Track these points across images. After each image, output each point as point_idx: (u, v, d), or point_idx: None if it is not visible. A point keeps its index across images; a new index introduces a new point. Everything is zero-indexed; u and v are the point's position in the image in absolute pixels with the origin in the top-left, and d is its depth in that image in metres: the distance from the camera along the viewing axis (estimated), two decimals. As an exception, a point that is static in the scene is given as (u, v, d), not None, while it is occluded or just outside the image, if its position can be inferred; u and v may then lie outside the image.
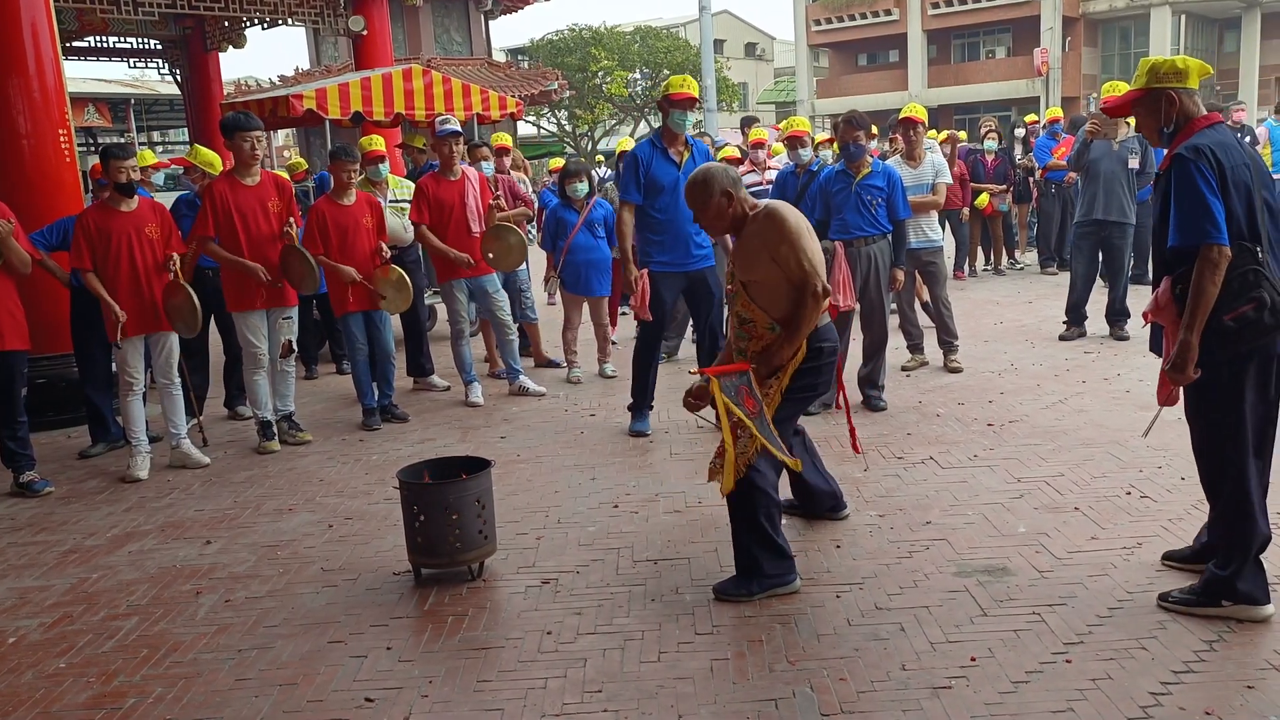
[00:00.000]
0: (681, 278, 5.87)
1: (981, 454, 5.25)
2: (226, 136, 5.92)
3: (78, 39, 13.00)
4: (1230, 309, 3.13)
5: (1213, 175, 3.14)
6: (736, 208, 3.84)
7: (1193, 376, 3.18)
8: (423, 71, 9.74)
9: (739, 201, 3.83)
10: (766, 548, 3.71)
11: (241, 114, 6.04)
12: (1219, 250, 3.11)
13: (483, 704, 3.12)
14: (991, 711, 2.91)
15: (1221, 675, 3.02)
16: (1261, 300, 3.12)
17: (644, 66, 38.12)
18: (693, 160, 5.77)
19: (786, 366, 3.74)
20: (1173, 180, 3.20)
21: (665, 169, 5.78)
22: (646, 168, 5.78)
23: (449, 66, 19.50)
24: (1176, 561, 3.75)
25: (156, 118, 28.66)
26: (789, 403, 3.79)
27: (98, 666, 3.51)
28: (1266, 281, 3.15)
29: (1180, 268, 3.24)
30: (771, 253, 3.70)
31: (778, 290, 3.73)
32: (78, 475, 5.92)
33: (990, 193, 11.20)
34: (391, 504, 4.84)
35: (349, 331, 6.57)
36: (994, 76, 38.73)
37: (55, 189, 7.00)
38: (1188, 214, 3.15)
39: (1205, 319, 3.13)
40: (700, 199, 3.87)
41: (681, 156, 5.81)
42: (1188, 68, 3.31)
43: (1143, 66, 3.42)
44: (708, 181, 3.84)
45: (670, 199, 5.68)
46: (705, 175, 3.86)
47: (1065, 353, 7.50)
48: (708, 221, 3.94)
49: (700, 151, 5.94)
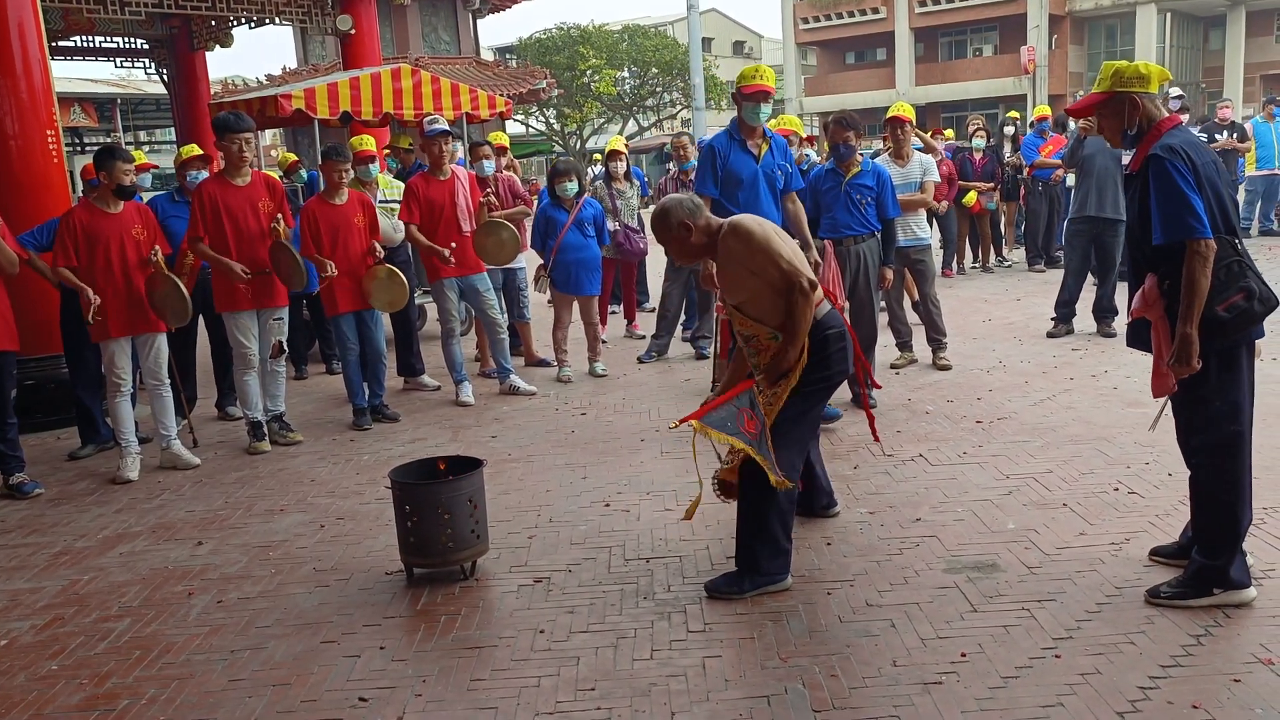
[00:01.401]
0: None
1: (970, 451, 5.29)
2: (219, 136, 5.91)
3: (63, 38, 12.94)
4: (1222, 300, 3.23)
5: (1189, 172, 3.22)
6: (698, 236, 3.83)
7: (1196, 367, 3.24)
8: (411, 71, 9.72)
9: (700, 230, 3.82)
10: (770, 547, 3.72)
11: (232, 114, 6.03)
12: (1206, 244, 3.19)
13: (476, 703, 3.13)
14: (982, 706, 2.93)
15: (1208, 669, 3.06)
16: (1250, 289, 3.26)
17: (632, 65, 38.15)
18: (771, 154, 5.65)
19: (795, 366, 3.73)
20: (1151, 179, 3.26)
21: (744, 161, 5.66)
22: (724, 160, 5.64)
23: (437, 65, 19.47)
24: (1164, 557, 3.79)
25: (143, 117, 28.52)
26: (803, 398, 3.75)
27: (90, 668, 3.50)
28: (1250, 271, 3.28)
29: (1164, 264, 3.31)
30: (749, 267, 3.70)
31: (767, 300, 3.72)
32: (67, 477, 5.90)
33: (978, 191, 11.24)
34: (383, 504, 4.84)
35: (340, 332, 6.56)
36: (981, 74, 38.87)
37: (43, 190, 6.97)
38: (1171, 211, 3.21)
39: (1201, 310, 3.20)
40: (660, 233, 3.90)
41: (760, 149, 5.66)
42: (1150, 73, 3.41)
43: (1106, 70, 3.49)
44: (664, 216, 3.86)
45: (749, 193, 5.56)
46: (662, 210, 3.88)
47: (1053, 350, 7.55)
48: (673, 253, 3.96)
49: (779, 145, 5.77)
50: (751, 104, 5.59)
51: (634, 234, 8.80)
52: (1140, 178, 3.35)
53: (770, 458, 3.62)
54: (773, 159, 5.67)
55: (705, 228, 3.83)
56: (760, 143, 5.68)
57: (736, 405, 3.66)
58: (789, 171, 5.78)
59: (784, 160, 5.76)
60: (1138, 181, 3.37)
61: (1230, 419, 3.35)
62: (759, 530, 3.72)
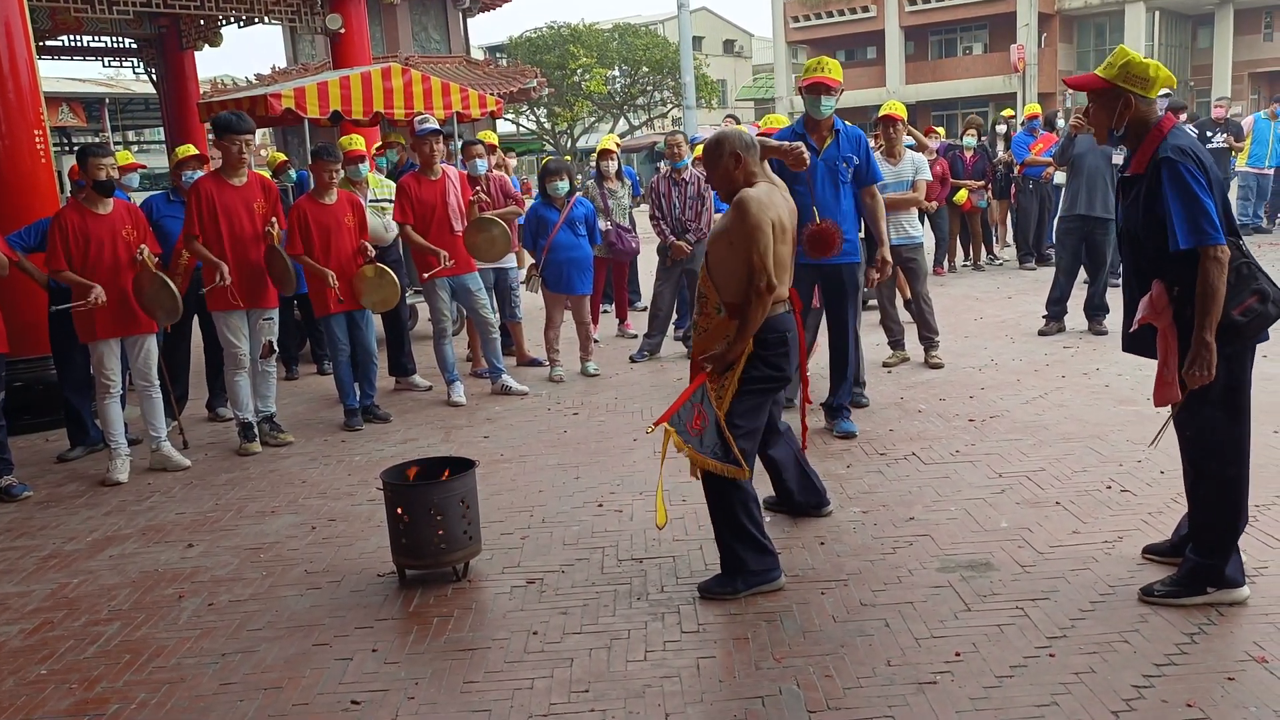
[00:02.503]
0: (815, 270, 5.48)
1: (963, 449, 5.29)
2: (218, 135, 5.87)
3: (51, 38, 12.86)
4: (1236, 304, 3.20)
5: (1200, 174, 3.18)
6: (742, 173, 3.80)
7: (1213, 376, 3.20)
8: (402, 70, 9.68)
9: (744, 169, 3.79)
10: (749, 544, 3.72)
11: (234, 115, 5.98)
12: (1222, 250, 3.15)
13: (469, 705, 3.12)
14: (976, 706, 2.93)
15: (1202, 667, 3.06)
16: (1263, 292, 3.23)
17: (623, 64, 38.12)
18: (835, 145, 5.49)
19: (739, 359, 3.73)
20: (1167, 184, 3.19)
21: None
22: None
23: (427, 65, 19.42)
24: (1157, 555, 3.79)
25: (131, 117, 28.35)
26: (748, 394, 3.75)
27: (79, 673, 3.48)
28: (1261, 273, 3.26)
29: (1171, 270, 3.25)
30: (730, 238, 3.69)
31: (731, 274, 3.71)
32: (56, 479, 5.87)
33: (969, 189, 11.26)
34: (375, 505, 4.82)
35: (331, 333, 6.54)
36: (971, 73, 38.95)
37: (31, 190, 6.93)
38: (1190, 217, 3.15)
39: (1219, 317, 3.17)
40: (710, 158, 3.85)
41: (824, 141, 5.49)
42: (1157, 77, 3.30)
43: (1118, 56, 3.36)
44: (720, 142, 3.82)
45: (807, 185, 5.37)
46: (719, 136, 3.85)
47: (1045, 348, 7.56)
48: (714, 180, 3.90)
49: (849, 138, 5.55)
50: (812, 96, 5.45)
51: (625, 233, 8.78)
52: (1146, 181, 3.28)
53: (715, 452, 3.63)
54: (836, 151, 5.48)
55: (747, 169, 3.80)
56: (825, 135, 5.50)
57: (692, 401, 3.68)
58: (856, 163, 5.55)
59: (852, 152, 5.54)
60: (1143, 185, 3.29)
61: (1235, 421, 3.33)
62: (732, 529, 3.72)
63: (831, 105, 5.44)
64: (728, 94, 49.53)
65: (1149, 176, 3.27)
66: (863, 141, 5.61)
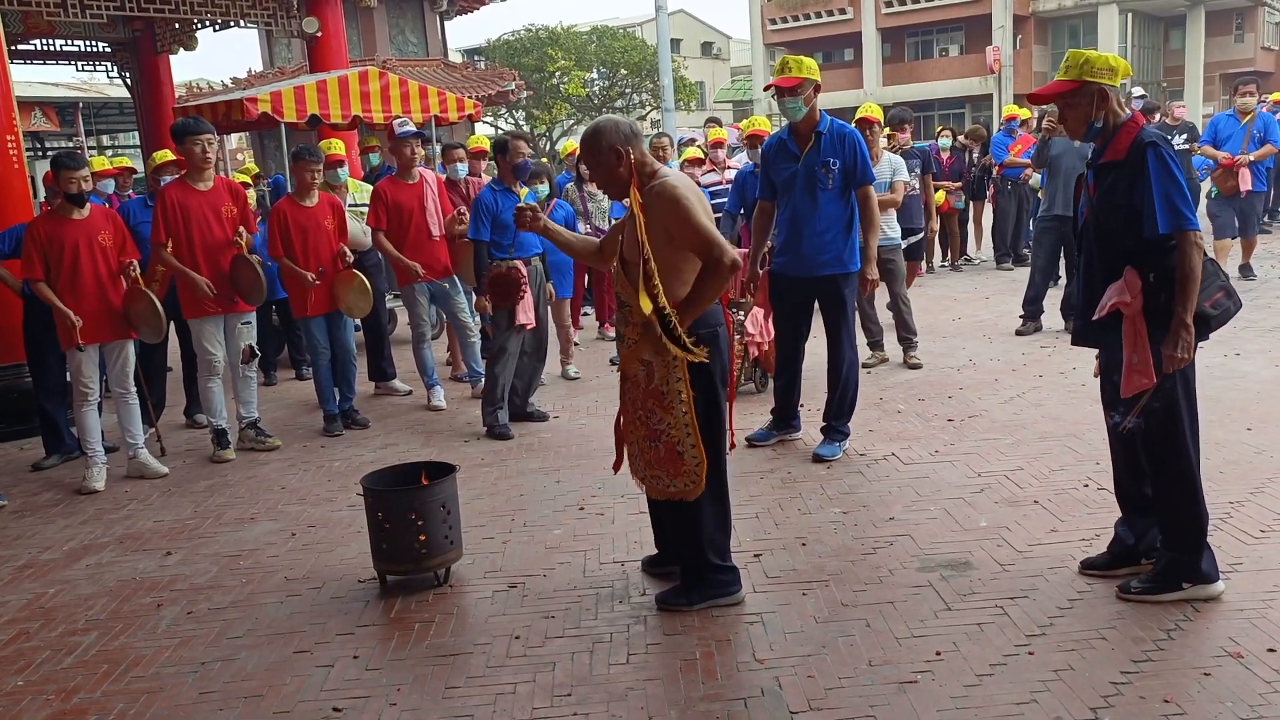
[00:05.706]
0: (801, 283, 5.32)
1: (942, 449, 5.32)
2: (177, 141, 5.84)
3: (23, 41, 12.74)
4: (1207, 297, 3.29)
5: (1177, 163, 3.26)
6: (627, 168, 3.43)
7: (1191, 357, 3.27)
8: (379, 73, 9.67)
9: (631, 163, 3.42)
10: (712, 558, 3.64)
11: (191, 118, 5.95)
12: (1199, 235, 3.24)
13: (452, 711, 3.11)
14: (957, 704, 2.95)
15: (1179, 664, 3.09)
16: (1228, 288, 3.36)
17: (601, 66, 38.09)
18: (815, 149, 5.14)
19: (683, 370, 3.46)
20: (1151, 168, 3.23)
21: (784, 161, 5.26)
22: (769, 163, 5.36)
23: (405, 68, 19.35)
24: (1096, 570, 3.71)
25: (105, 121, 28.11)
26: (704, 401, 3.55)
27: (56, 683, 3.44)
28: (1221, 270, 3.37)
29: (1147, 258, 3.30)
30: (670, 232, 3.38)
31: (675, 270, 3.43)
32: (32, 488, 5.81)
33: (946, 190, 11.32)
34: (355, 511, 4.80)
35: (310, 335, 6.50)
36: (947, 74, 39.22)
37: (4, 196, 6.87)
38: (1171, 201, 3.21)
39: (1196, 300, 3.24)
40: (588, 155, 3.52)
41: (805, 145, 5.17)
42: (1118, 66, 3.37)
43: (1074, 59, 3.39)
44: (595, 135, 3.47)
45: (786, 193, 5.23)
46: (595, 129, 3.50)
47: (1022, 347, 7.61)
48: (597, 179, 3.59)
49: (833, 139, 5.17)
50: (779, 100, 5.14)
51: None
52: (1125, 167, 3.30)
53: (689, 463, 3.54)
54: (815, 156, 5.15)
55: (638, 163, 3.44)
56: (808, 138, 5.18)
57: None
58: (838, 167, 5.15)
59: (834, 155, 5.15)
60: (1122, 172, 3.31)
61: (1188, 412, 3.40)
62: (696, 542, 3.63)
63: (798, 105, 5.09)
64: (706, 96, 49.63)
65: (1129, 162, 3.30)
66: (849, 140, 5.21)
